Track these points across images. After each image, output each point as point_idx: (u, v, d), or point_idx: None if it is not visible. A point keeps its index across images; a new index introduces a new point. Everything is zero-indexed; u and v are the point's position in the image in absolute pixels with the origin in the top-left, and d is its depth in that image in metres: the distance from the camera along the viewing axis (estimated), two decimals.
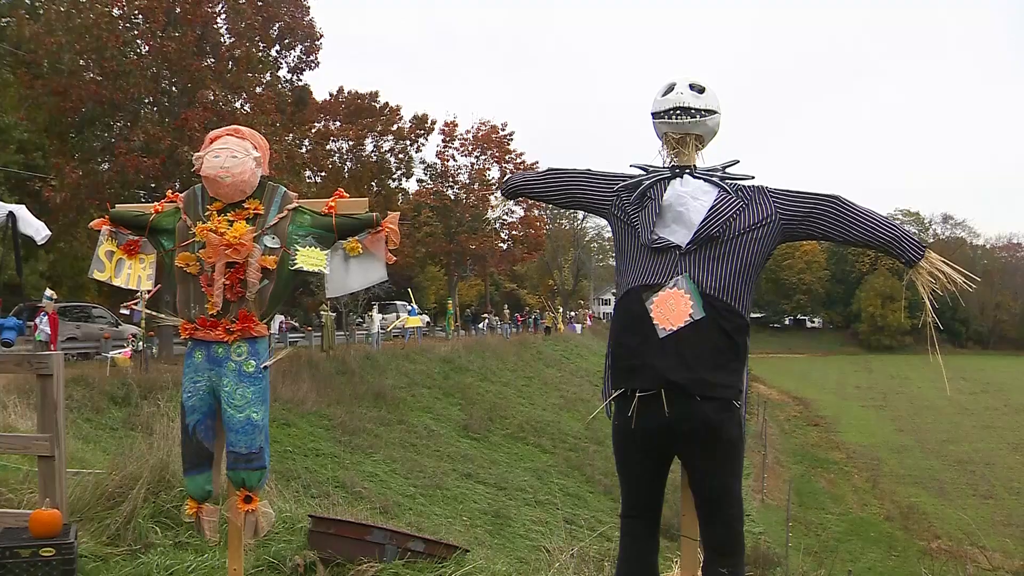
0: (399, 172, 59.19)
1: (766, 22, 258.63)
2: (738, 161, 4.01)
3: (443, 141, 62.77)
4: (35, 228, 5.76)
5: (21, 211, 5.77)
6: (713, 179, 3.89)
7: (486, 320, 61.43)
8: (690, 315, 3.62)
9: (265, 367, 4.65)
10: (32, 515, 5.23)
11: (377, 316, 42.45)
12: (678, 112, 3.91)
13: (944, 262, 3.70)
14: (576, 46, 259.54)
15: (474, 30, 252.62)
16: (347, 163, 56.10)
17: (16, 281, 21.41)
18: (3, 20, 36.29)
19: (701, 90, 3.94)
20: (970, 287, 3.66)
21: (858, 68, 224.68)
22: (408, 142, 58.38)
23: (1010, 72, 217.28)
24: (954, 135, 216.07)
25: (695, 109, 3.90)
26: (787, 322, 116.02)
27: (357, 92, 57.26)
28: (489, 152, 63.19)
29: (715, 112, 3.96)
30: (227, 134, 4.73)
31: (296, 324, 46.37)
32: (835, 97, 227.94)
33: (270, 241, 4.56)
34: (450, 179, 63.08)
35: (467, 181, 62.86)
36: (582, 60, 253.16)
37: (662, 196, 3.86)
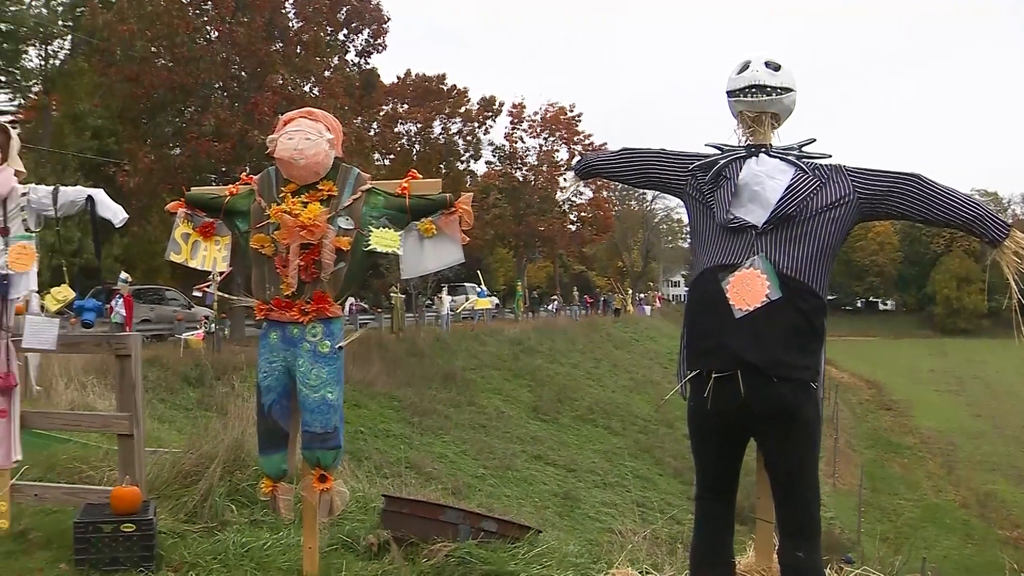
0: (467, 154, 59.27)
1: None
2: (815, 139, 3.94)
3: (511, 123, 62.75)
4: (113, 211, 5.84)
5: (99, 195, 5.86)
6: (789, 158, 3.82)
7: (555, 301, 61.29)
8: (766, 295, 3.56)
9: (340, 347, 4.69)
10: (113, 492, 5.35)
11: (447, 298, 42.63)
12: (754, 90, 3.84)
13: None
14: (639, 30, 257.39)
15: (533, 13, 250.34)
16: (415, 146, 56.27)
17: (93, 264, 21.74)
18: (77, 10, 36.98)
19: (777, 68, 3.86)
20: None
21: (931, 47, 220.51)
22: (476, 124, 58.42)
23: None
24: None
25: (771, 87, 3.83)
26: (859, 304, 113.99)
27: (424, 75, 57.38)
28: (557, 134, 62.98)
29: (791, 90, 3.88)
30: (300, 116, 4.77)
31: (366, 306, 46.68)
32: (910, 75, 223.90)
33: (344, 222, 4.59)
34: (518, 161, 63.00)
35: (535, 163, 62.75)
36: (645, 44, 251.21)
37: (738, 175, 3.80)
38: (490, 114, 58.94)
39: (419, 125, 56.25)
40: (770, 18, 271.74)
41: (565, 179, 62.58)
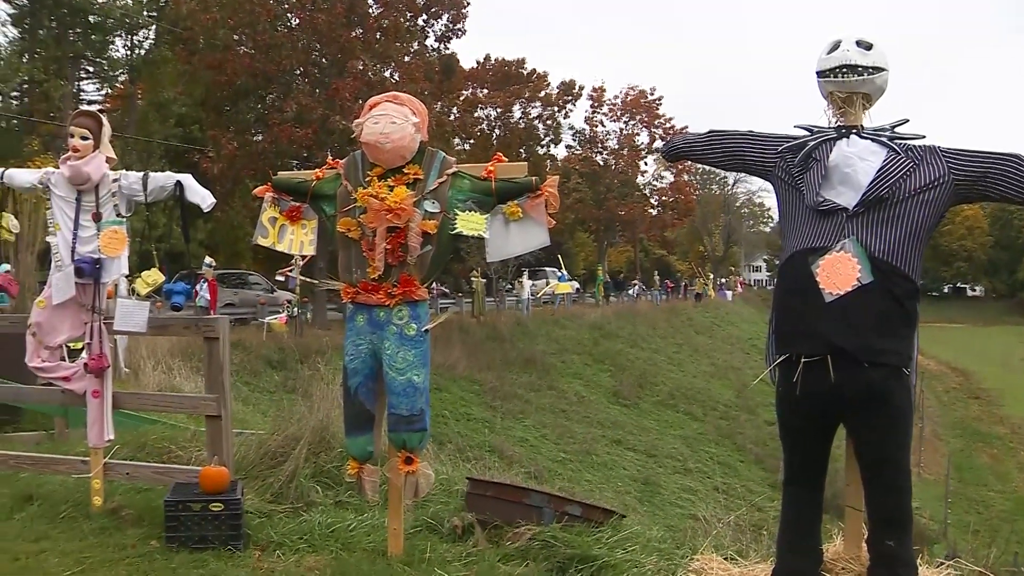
0: (547, 138, 59.33)
1: None
2: (908, 120, 3.85)
3: (591, 107, 62.65)
4: (201, 196, 5.92)
5: (188, 180, 5.94)
6: (881, 139, 3.74)
7: (635, 286, 61.06)
8: (858, 279, 3.50)
9: (426, 330, 4.71)
10: (202, 472, 5.46)
11: (527, 282, 42.64)
12: (844, 70, 3.76)
13: None
14: (720, 12, 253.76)
15: None
16: (495, 130, 56.46)
17: (178, 249, 22.09)
18: (161, 0, 37.74)
19: (868, 47, 3.78)
20: None
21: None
22: (556, 108, 58.40)
23: None
24: None
25: (862, 67, 3.75)
26: (946, 290, 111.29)
27: (504, 59, 57.61)
28: (638, 117, 62.69)
29: (883, 69, 3.79)
30: (386, 100, 4.78)
31: (447, 290, 46.94)
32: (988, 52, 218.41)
33: (430, 206, 4.60)
34: (599, 145, 62.91)
35: (616, 146, 62.57)
36: (727, 24, 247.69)
37: (828, 157, 3.73)
38: (570, 98, 58.97)
39: (499, 110, 56.46)
40: None
41: (645, 163, 62.39)
